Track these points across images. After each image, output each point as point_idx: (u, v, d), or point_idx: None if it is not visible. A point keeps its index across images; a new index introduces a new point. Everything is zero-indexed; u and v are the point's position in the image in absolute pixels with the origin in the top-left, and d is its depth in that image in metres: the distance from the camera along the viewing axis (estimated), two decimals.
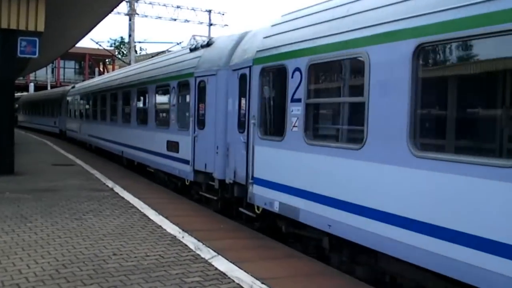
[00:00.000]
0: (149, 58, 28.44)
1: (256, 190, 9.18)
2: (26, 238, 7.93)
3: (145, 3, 39.66)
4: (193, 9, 42.70)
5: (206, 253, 7.41)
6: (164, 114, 14.93)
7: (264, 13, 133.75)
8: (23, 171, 15.84)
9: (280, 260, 7.49)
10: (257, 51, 9.38)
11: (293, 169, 8.11)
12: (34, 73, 55.94)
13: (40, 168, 17.27)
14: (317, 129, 8.12)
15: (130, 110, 18.28)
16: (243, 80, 9.85)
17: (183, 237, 8.31)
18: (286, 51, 8.41)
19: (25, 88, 60.33)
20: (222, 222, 9.93)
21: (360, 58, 6.73)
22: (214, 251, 7.50)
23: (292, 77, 8.12)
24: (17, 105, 63.28)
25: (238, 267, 6.79)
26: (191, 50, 13.22)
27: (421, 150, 5.74)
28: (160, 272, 6.48)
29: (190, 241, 8.03)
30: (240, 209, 10.22)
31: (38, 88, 59.99)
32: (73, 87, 33.37)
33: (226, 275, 6.44)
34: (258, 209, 9.34)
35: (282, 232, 8.86)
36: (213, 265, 6.84)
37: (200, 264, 6.89)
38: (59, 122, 36.19)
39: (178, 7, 41.73)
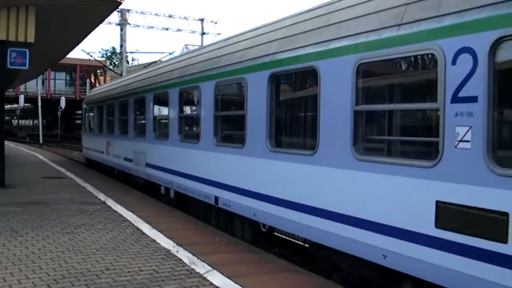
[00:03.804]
0: (141, 68, 27.57)
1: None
2: (17, 253, 7.78)
3: (137, 12, 39.59)
4: (185, 18, 42.55)
5: (201, 267, 7.28)
6: None
7: (256, 21, 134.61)
8: (13, 184, 15.65)
9: (276, 275, 7.38)
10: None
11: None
12: (24, 85, 55.68)
13: (31, 181, 17.06)
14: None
15: None
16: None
17: (177, 251, 8.18)
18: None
19: (15, 100, 59.96)
20: (217, 235, 9.79)
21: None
22: (209, 265, 7.37)
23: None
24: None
25: (234, 282, 6.67)
26: None
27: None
28: (154, 287, 6.35)
29: (184, 255, 7.89)
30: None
31: (28, 100, 59.54)
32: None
33: None
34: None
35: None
36: (208, 280, 6.71)
37: (195, 279, 6.76)
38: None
39: (170, 16, 41.67)
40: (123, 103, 17.84)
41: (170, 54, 38.08)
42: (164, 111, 14.34)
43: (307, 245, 8.60)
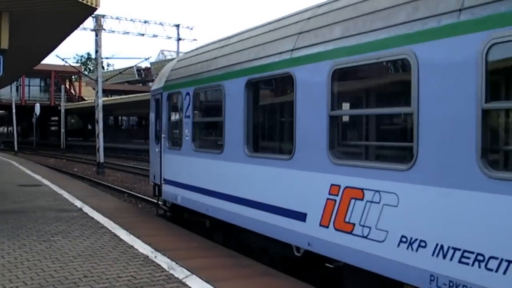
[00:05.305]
0: (117, 74, 27.32)
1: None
2: None
3: (112, 18, 39.44)
4: (161, 23, 42.53)
5: (179, 272, 7.32)
6: None
7: (232, 27, 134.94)
8: None
9: (254, 279, 7.43)
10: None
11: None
12: None
13: (6, 189, 16.88)
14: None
15: None
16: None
17: (155, 256, 8.19)
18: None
19: None
20: (195, 240, 9.83)
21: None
22: (188, 270, 7.41)
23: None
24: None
25: (213, 286, 6.72)
26: None
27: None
28: None
29: (163, 261, 7.92)
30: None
31: (1, 107, 58.87)
32: None
33: None
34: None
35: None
36: (187, 285, 6.76)
37: (173, 284, 6.79)
38: None
39: (146, 22, 41.59)
40: None
41: (146, 59, 38.00)
42: None
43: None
